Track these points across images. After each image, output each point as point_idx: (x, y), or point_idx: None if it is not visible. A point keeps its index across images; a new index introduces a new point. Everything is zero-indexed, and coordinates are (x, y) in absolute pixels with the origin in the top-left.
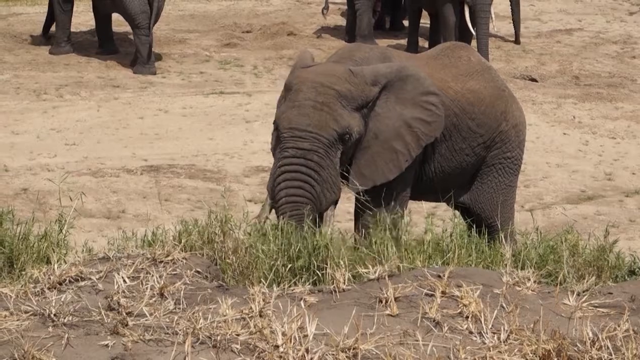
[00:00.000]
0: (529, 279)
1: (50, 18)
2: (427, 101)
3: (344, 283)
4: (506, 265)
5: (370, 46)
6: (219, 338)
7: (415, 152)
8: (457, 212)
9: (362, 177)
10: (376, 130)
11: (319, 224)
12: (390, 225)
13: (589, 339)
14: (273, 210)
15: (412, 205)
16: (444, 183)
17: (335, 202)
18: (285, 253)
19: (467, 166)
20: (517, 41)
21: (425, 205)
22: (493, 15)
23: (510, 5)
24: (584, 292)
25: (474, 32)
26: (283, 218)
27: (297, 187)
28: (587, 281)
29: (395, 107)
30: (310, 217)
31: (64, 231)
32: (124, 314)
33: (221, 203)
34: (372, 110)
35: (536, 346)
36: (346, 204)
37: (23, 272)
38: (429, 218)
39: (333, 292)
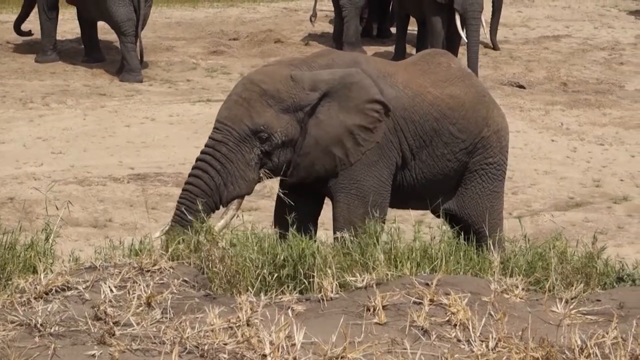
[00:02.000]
0: (517, 287)
1: (25, 14)
2: (371, 108)
3: (332, 291)
4: (494, 272)
5: (342, 52)
6: (206, 347)
7: (354, 158)
8: (445, 219)
9: (299, 179)
10: (317, 136)
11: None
12: (367, 231)
13: (578, 347)
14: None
15: (400, 212)
16: (427, 190)
17: (242, 197)
18: (272, 261)
19: (450, 172)
20: (495, 47)
21: (413, 213)
22: (484, 23)
23: (492, 10)
24: (572, 299)
25: (465, 39)
26: (178, 208)
27: (196, 177)
28: (575, 288)
29: (339, 114)
30: (201, 209)
31: (50, 240)
32: (111, 323)
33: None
34: (312, 116)
35: (524, 354)
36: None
37: (9, 282)
38: (417, 225)
39: (321, 301)
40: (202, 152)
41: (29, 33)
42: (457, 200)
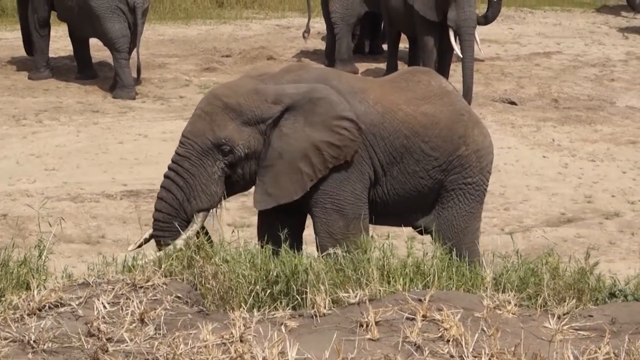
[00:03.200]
0: (510, 302)
1: (27, 37)
2: (339, 125)
3: (325, 307)
4: (487, 288)
5: (313, 68)
6: None
7: (321, 173)
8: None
9: (267, 195)
10: (281, 149)
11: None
12: (358, 245)
13: None
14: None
15: (393, 229)
16: (402, 207)
17: (206, 211)
18: (265, 277)
19: (424, 189)
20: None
21: (406, 229)
22: (478, 39)
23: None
24: (564, 315)
25: (460, 55)
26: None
27: (160, 199)
28: (567, 304)
29: (304, 128)
30: (172, 229)
31: (43, 257)
32: (104, 339)
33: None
34: (276, 129)
35: None
36: None
37: (2, 299)
38: (410, 242)
39: (314, 317)
40: (168, 168)
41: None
42: (433, 219)
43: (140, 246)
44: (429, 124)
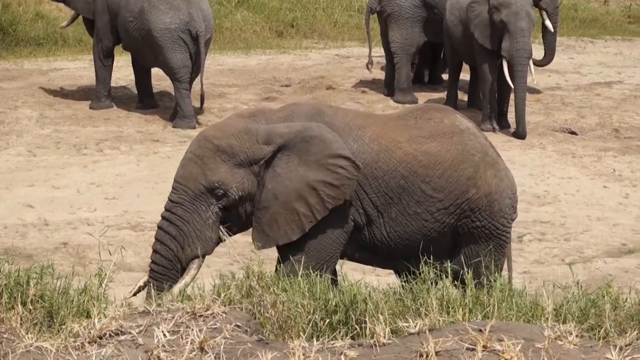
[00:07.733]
0: (571, 333)
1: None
2: (335, 164)
3: (384, 337)
4: (547, 319)
5: (305, 104)
6: None
7: (320, 214)
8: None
9: (265, 236)
10: (275, 190)
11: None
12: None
13: None
14: None
15: None
16: (408, 250)
17: (203, 256)
18: (323, 307)
19: (431, 233)
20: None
21: None
22: (532, 69)
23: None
24: (626, 346)
25: (512, 85)
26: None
27: (155, 252)
28: (629, 335)
29: (298, 168)
30: (169, 281)
31: (103, 285)
32: None
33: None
34: (269, 169)
35: None
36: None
37: (63, 326)
38: (469, 272)
39: (373, 346)
40: (161, 217)
41: None
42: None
43: (135, 294)
44: (431, 164)
